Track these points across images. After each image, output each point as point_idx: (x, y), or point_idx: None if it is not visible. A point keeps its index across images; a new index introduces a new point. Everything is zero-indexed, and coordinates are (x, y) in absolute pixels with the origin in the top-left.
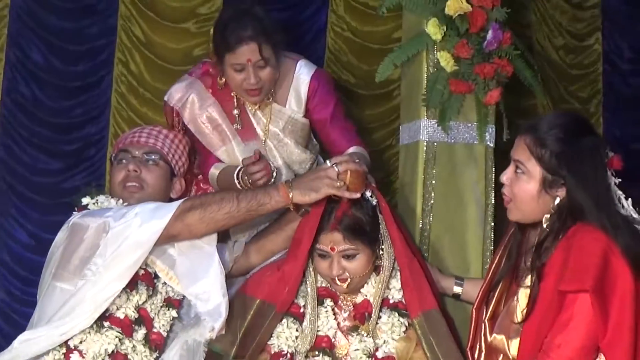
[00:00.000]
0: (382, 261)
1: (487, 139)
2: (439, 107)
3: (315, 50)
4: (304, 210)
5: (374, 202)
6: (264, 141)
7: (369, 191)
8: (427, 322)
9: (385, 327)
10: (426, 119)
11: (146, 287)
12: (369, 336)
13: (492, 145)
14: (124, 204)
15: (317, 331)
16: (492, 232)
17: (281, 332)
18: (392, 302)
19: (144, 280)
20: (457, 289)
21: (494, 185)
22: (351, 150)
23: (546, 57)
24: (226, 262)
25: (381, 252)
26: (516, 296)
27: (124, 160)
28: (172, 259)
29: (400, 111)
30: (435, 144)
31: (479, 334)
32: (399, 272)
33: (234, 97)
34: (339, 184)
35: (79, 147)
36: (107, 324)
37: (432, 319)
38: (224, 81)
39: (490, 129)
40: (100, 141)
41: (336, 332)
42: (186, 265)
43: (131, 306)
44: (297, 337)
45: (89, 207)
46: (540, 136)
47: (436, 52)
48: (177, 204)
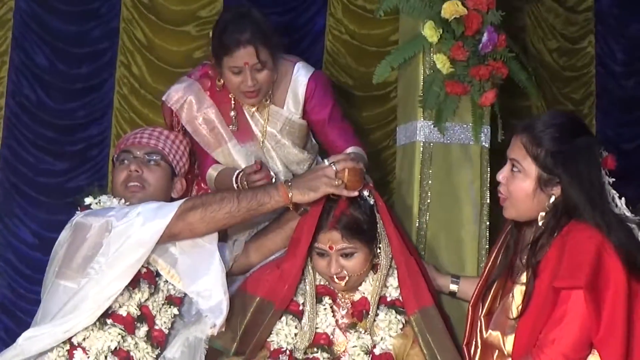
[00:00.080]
0: (379, 259)
1: (482, 139)
2: (435, 109)
3: (314, 52)
4: (303, 209)
5: (372, 202)
6: (261, 142)
7: (367, 191)
8: (423, 319)
9: (382, 324)
10: (422, 120)
11: (148, 285)
12: (366, 333)
13: (487, 145)
14: (126, 204)
15: (316, 328)
16: (487, 231)
17: (280, 329)
18: (389, 299)
19: (146, 278)
20: (454, 287)
21: (489, 185)
22: (349, 150)
23: (540, 59)
24: (226, 261)
25: (379, 251)
26: (512, 293)
27: (126, 160)
28: (174, 257)
29: (397, 112)
30: (431, 145)
31: (475, 331)
32: (396, 270)
33: (232, 98)
34: (337, 182)
35: (82, 148)
36: (109, 321)
37: (429, 316)
38: (223, 83)
39: (485, 130)
40: (102, 142)
41: (334, 329)
42: (187, 263)
43: (133, 304)
44: (296, 334)
45: (91, 206)
46: (536, 135)
47: (432, 55)
48: (178, 203)
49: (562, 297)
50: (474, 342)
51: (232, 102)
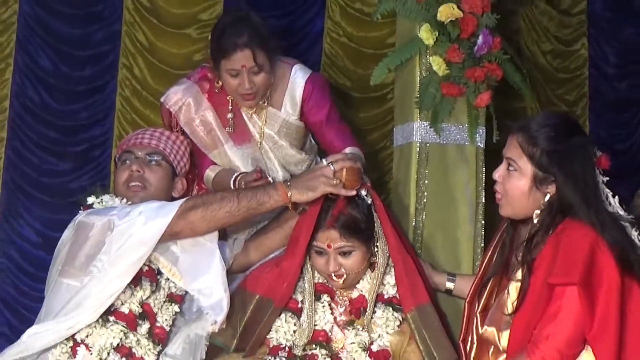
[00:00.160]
0: (376, 258)
1: (477, 140)
2: (432, 110)
3: (312, 55)
4: (302, 208)
5: (369, 201)
6: (259, 143)
7: (364, 190)
8: (420, 316)
9: (379, 321)
10: (419, 121)
11: (150, 283)
12: (364, 330)
13: (482, 146)
14: (128, 203)
15: (315, 325)
16: (483, 230)
17: (280, 326)
18: (386, 297)
19: (147, 276)
20: (450, 285)
21: (484, 184)
22: (347, 151)
23: (534, 61)
24: (226, 259)
25: (376, 249)
26: (507, 290)
27: (128, 160)
28: (175, 255)
29: (394, 113)
30: (427, 145)
31: (471, 327)
32: (393, 269)
33: (229, 101)
34: (335, 182)
35: (84, 148)
36: (112, 319)
37: (425, 313)
38: (221, 84)
39: (480, 131)
40: (105, 143)
41: (333, 326)
42: (189, 261)
43: (135, 301)
44: (295, 331)
45: (94, 206)
46: (531, 135)
47: (428, 57)
48: (179, 202)
49: (556, 293)
50: (470, 338)
51: (230, 104)
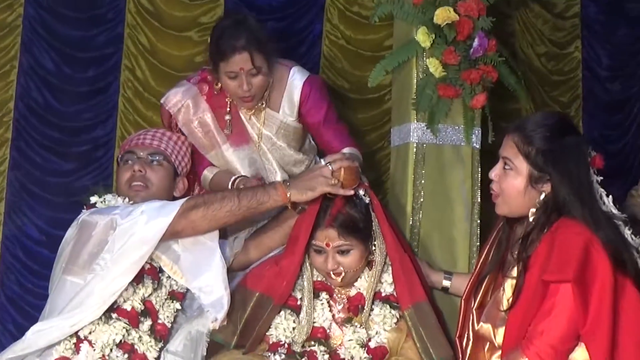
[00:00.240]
0: (374, 256)
1: (473, 140)
2: (428, 111)
3: (311, 57)
4: (301, 208)
5: (367, 201)
6: (257, 144)
7: (362, 190)
8: (417, 313)
9: (377, 318)
10: (416, 122)
11: (152, 281)
12: (362, 327)
13: (478, 146)
14: (130, 203)
15: (313, 323)
16: (479, 229)
17: (279, 323)
18: (384, 295)
19: (149, 274)
20: (446, 283)
21: (480, 184)
22: (345, 151)
23: (529, 63)
24: (227, 257)
25: (374, 248)
26: (503, 287)
27: (130, 161)
28: (177, 254)
29: (391, 115)
30: (424, 146)
31: (467, 323)
32: (390, 267)
33: (228, 103)
34: (333, 181)
35: (88, 149)
36: (115, 316)
37: (422, 310)
38: (220, 86)
39: (476, 132)
40: (108, 143)
41: (331, 323)
42: (190, 260)
43: (137, 299)
44: (294, 328)
45: (97, 205)
46: (527, 135)
47: (425, 59)
48: (181, 202)
49: (551, 290)
50: (466, 335)
51: (228, 106)
